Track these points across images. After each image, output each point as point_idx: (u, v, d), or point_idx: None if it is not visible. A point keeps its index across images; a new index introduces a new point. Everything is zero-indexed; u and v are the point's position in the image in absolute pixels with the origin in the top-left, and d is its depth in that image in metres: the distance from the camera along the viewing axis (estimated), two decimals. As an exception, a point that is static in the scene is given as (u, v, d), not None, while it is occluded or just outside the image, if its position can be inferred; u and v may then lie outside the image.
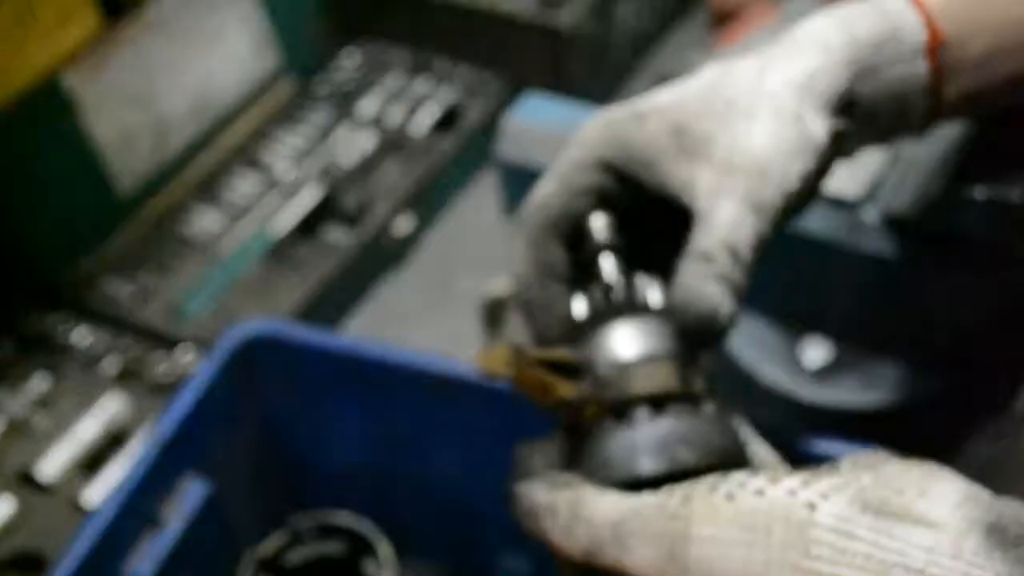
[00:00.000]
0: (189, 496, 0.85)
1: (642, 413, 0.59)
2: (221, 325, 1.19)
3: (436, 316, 1.29)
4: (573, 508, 0.57)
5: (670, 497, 0.54)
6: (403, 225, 1.36)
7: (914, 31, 0.67)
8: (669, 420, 0.58)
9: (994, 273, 0.90)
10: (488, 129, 1.35)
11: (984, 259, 0.89)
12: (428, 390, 0.86)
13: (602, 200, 0.67)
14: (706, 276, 0.60)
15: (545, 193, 0.68)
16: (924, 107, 0.68)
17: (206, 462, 0.86)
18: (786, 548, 0.50)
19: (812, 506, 0.51)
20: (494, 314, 1.12)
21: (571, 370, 0.61)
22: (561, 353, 0.62)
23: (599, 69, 1.47)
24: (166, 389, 1.15)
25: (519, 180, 1.14)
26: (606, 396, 0.59)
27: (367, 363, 0.87)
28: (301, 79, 1.51)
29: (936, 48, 0.67)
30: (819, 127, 0.63)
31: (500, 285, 1.12)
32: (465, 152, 1.43)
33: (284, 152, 1.43)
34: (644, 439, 0.58)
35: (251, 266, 1.29)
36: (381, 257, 1.35)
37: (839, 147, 0.66)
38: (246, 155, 1.43)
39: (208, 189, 1.39)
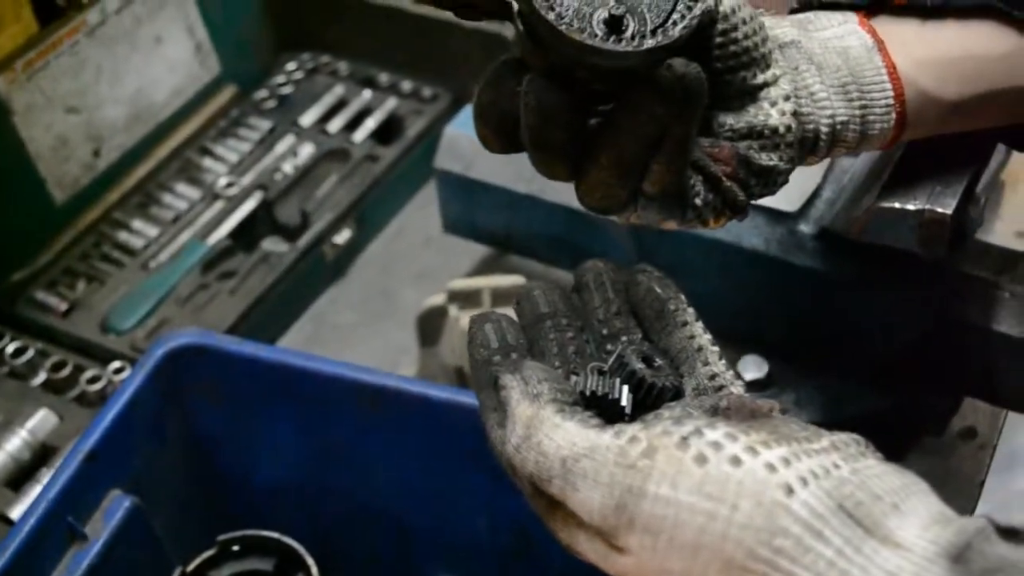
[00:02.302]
0: (115, 511, 0.83)
1: None
2: (154, 337, 1.17)
3: (376, 329, 1.28)
4: (528, 428, 0.54)
5: (632, 444, 0.51)
6: (342, 237, 1.35)
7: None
8: None
9: (928, 289, 0.90)
10: (430, 141, 1.34)
11: (918, 274, 0.90)
12: (362, 404, 0.85)
13: None
14: None
15: None
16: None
17: (133, 476, 0.84)
18: (747, 529, 0.48)
19: (789, 490, 0.48)
20: (431, 325, 1.11)
21: None
22: None
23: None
24: (97, 403, 1.12)
25: (458, 191, 1.13)
26: None
27: (299, 375, 0.85)
28: (242, 88, 1.49)
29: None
30: None
31: (438, 297, 1.11)
32: (406, 164, 1.42)
33: (223, 162, 1.41)
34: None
35: (186, 277, 1.27)
36: (320, 269, 1.34)
37: None
38: (184, 164, 1.41)
39: (145, 198, 1.37)
